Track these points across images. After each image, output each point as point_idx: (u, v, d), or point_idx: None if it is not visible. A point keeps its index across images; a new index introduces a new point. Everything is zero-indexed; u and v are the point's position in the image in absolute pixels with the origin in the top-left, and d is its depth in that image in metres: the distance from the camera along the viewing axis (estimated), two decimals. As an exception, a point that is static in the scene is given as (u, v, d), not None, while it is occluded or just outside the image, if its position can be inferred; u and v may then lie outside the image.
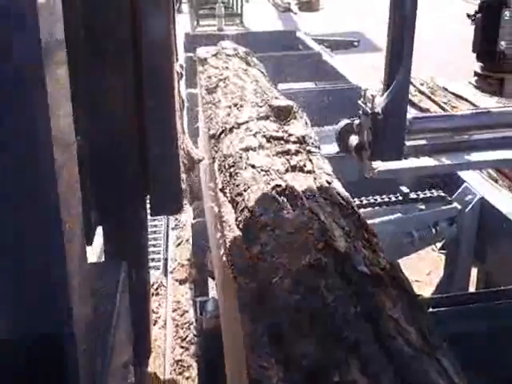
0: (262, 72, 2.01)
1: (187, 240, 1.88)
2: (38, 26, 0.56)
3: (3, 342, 0.59)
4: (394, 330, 0.75)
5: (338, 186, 1.17)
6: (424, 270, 2.74)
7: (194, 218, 1.99)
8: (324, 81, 4.18)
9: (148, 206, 1.26)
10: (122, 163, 1.08)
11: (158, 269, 1.72)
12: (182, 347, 1.50)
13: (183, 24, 8.66)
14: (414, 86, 4.99)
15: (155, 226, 2.01)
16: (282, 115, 1.49)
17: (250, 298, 0.91)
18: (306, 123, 1.48)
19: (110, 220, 1.09)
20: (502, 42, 4.26)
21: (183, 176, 1.30)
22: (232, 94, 1.72)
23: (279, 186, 1.15)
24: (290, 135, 1.39)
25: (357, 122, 1.73)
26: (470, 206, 2.01)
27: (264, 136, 1.38)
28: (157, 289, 1.76)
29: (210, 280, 1.98)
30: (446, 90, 5.11)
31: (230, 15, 10.63)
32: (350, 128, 1.77)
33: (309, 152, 1.32)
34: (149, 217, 1.31)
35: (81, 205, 0.64)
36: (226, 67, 1.97)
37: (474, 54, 4.61)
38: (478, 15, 4.43)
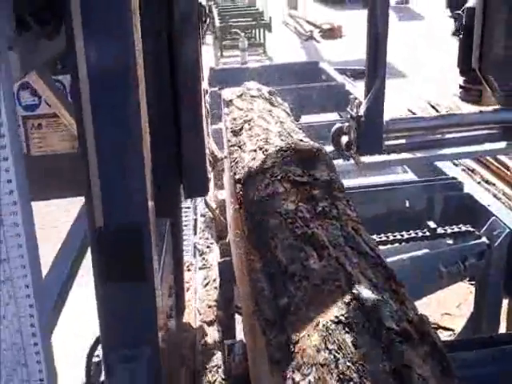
0: (287, 112, 2.04)
1: (214, 280, 1.90)
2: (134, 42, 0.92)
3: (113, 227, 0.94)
4: (424, 389, 0.75)
5: (364, 233, 1.18)
6: (453, 303, 2.70)
7: (221, 257, 2.01)
8: (346, 111, 4.20)
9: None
10: (163, 159, 1.37)
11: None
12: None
13: (208, 55, 8.84)
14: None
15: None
16: (307, 159, 1.51)
17: (278, 352, 0.93)
18: (331, 166, 1.50)
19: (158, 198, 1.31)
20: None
21: (209, 168, 1.64)
22: (257, 137, 1.75)
23: (305, 233, 1.17)
24: (316, 179, 1.41)
25: (346, 124, 2.13)
26: (499, 240, 1.99)
27: (289, 181, 1.40)
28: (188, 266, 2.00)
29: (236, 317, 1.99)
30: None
31: (252, 45, 10.79)
32: (342, 130, 2.16)
33: (334, 197, 1.33)
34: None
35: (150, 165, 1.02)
36: (251, 108, 2.01)
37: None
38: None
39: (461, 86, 2.19)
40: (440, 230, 2.03)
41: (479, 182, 2.65)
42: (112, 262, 0.95)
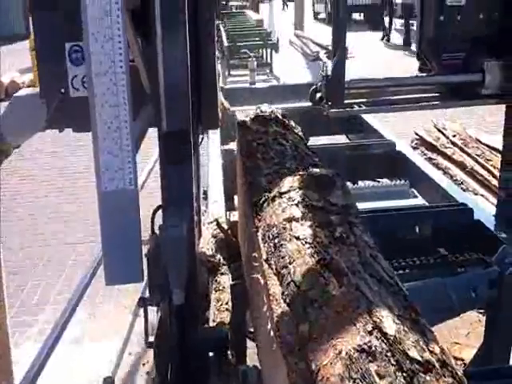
0: (300, 136, 2.06)
1: (227, 302, 1.90)
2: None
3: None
4: (448, 421, 0.75)
5: (381, 260, 1.19)
6: (463, 332, 2.69)
7: (232, 280, 2.02)
8: (355, 134, 4.24)
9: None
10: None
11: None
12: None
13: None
14: (447, 138, 4.98)
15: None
16: (323, 184, 1.52)
17: (300, 379, 0.93)
18: (347, 192, 1.51)
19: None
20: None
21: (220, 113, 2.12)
22: (272, 161, 1.77)
23: (324, 259, 1.17)
24: (332, 205, 1.42)
25: (320, 83, 2.66)
26: (511, 268, 1.99)
27: (306, 206, 1.41)
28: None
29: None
30: (479, 141, 5.10)
31: (259, 65, 10.88)
32: (317, 88, 2.67)
33: (351, 223, 1.35)
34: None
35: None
36: (265, 131, 2.03)
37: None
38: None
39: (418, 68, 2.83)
40: (450, 257, 2.03)
41: (488, 209, 2.66)
42: (170, 151, 1.50)
